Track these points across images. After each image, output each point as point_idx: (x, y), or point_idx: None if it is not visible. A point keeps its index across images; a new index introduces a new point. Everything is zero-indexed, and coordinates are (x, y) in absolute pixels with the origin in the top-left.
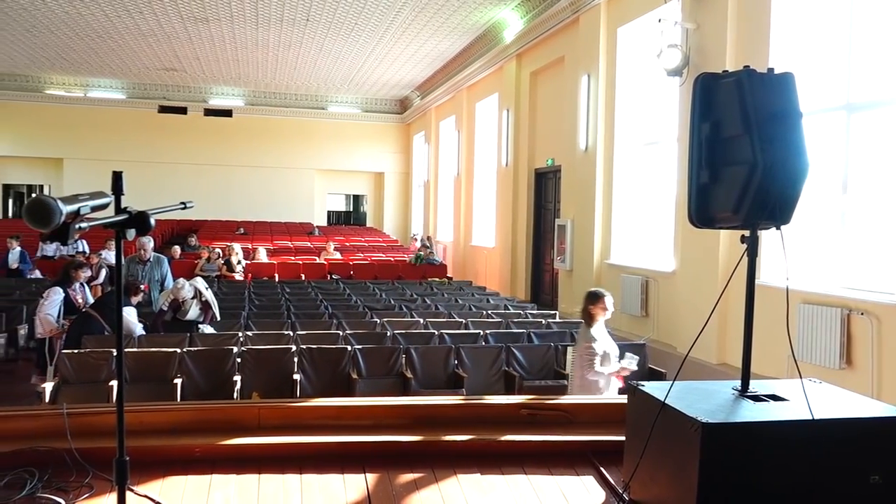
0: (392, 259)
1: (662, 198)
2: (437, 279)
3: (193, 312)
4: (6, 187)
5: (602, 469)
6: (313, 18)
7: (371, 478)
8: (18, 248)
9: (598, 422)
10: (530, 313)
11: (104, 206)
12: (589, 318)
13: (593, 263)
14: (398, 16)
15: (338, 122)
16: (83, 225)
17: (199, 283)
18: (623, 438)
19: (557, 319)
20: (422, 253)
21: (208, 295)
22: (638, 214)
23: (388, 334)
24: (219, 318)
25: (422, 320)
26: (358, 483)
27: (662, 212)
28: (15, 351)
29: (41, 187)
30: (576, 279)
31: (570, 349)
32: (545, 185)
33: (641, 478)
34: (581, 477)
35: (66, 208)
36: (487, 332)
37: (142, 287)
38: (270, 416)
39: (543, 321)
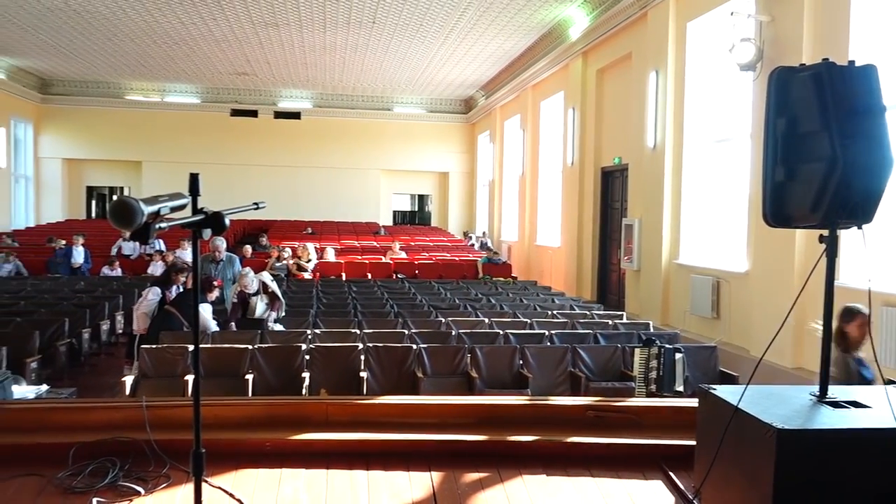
0: (457, 258)
1: (735, 196)
2: (501, 279)
3: (260, 308)
4: (89, 189)
5: (671, 474)
6: (379, 21)
7: (437, 476)
8: (82, 248)
9: (667, 425)
10: (596, 314)
11: (182, 207)
12: (844, 342)
13: (662, 263)
14: (463, 16)
15: (403, 123)
16: (163, 225)
17: (266, 276)
18: (693, 443)
19: (625, 320)
20: (488, 255)
21: (274, 287)
22: (708, 213)
23: (453, 333)
24: (283, 313)
25: (487, 320)
26: (423, 481)
27: (735, 210)
28: (98, 346)
29: (121, 189)
30: (644, 279)
31: None
32: (612, 183)
33: (713, 484)
34: (649, 481)
35: (148, 209)
36: (553, 332)
37: (215, 283)
38: (338, 412)
39: (610, 322)
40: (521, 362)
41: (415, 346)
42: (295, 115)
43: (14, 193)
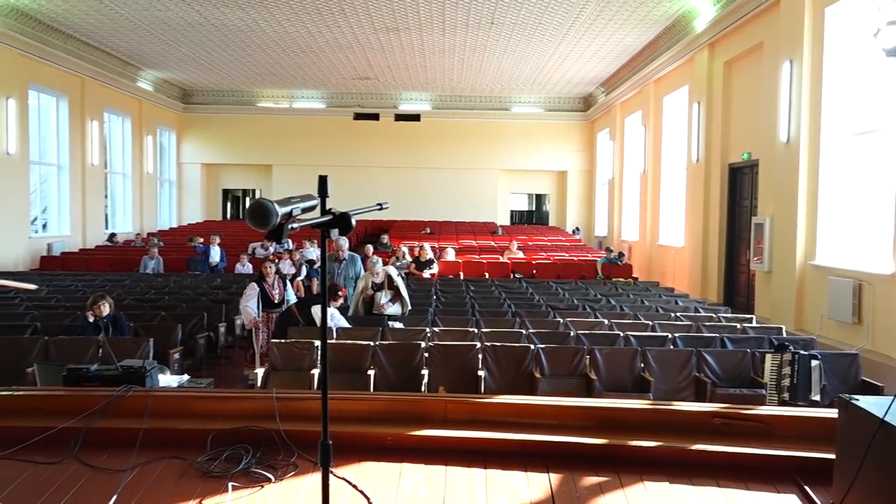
0: (575, 258)
1: (880, 191)
2: (621, 279)
3: (384, 301)
4: (225, 192)
5: (807, 488)
6: (498, 21)
7: (555, 478)
8: (218, 247)
9: (801, 436)
10: (723, 317)
11: (312, 208)
12: None
13: (795, 264)
14: (582, 12)
15: (521, 122)
16: (295, 225)
17: (392, 270)
18: (831, 456)
19: (754, 324)
20: (609, 256)
21: (399, 282)
22: (848, 210)
23: (572, 334)
24: (409, 307)
25: (606, 321)
26: (541, 482)
27: (879, 207)
28: (232, 338)
29: (253, 191)
30: (775, 281)
31: None
32: (740, 180)
33: (855, 501)
34: (782, 495)
35: (281, 210)
36: (676, 335)
37: (340, 293)
38: (457, 410)
39: (738, 325)
40: (642, 365)
41: (532, 347)
42: (415, 118)
43: (159, 196)
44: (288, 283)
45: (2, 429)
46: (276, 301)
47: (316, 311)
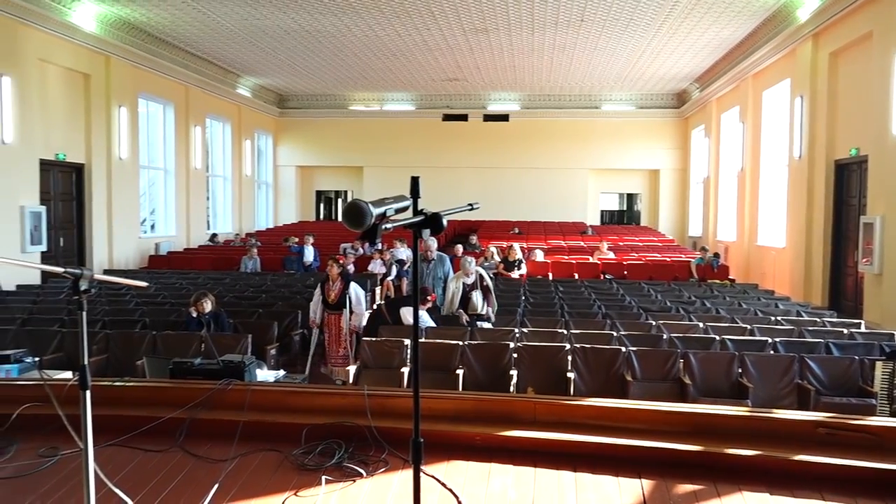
0: (668, 259)
1: None
2: (717, 281)
3: (479, 302)
4: (318, 193)
5: None
6: (588, 18)
7: (647, 484)
8: (312, 247)
9: None
10: (828, 321)
11: (405, 209)
12: None
13: None
14: (676, 6)
15: (611, 121)
16: (388, 226)
17: (482, 270)
18: None
19: (863, 329)
20: (704, 257)
21: (489, 282)
22: None
23: (665, 337)
24: (496, 307)
25: (701, 324)
26: (633, 487)
27: None
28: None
29: (345, 193)
30: (887, 284)
31: None
32: (847, 177)
33: None
34: None
35: (375, 210)
36: (777, 339)
37: (429, 297)
38: (545, 411)
39: (845, 331)
40: (739, 371)
41: (623, 349)
42: (503, 118)
43: (257, 198)
44: (352, 284)
45: (115, 417)
46: (330, 301)
47: (404, 312)
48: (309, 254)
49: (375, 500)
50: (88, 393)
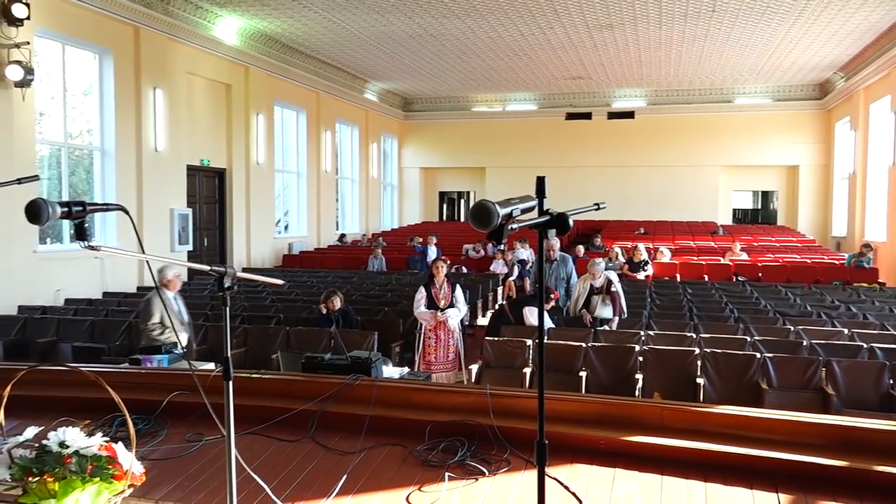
0: (808, 261)
1: None
2: (864, 284)
3: (600, 307)
4: (441, 194)
5: None
6: (720, 8)
7: (785, 499)
8: (435, 247)
9: None
10: None
11: (531, 209)
12: None
13: None
14: None
15: (745, 115)
16: (514, 226)
17: (613, 275)
18: None
19: None
20: (861, 258)
21: (618, 287)
22: None
23: (804, 344)
24: (626, 313)
25: (846, 331)
26: (769, 502)
27: None
28: None
29: (468, 193)
30: None
31: None
32: None
33: None
34: None
35: (502, 211)
36: None
37: (552, 296)
38: (673, 417)
39: None
40: (891, 382)
41: (758, 355)
42: (628, 115)
43: (382, 199)
44: (458, 287)
45: (253, 408)
46: (441, 306)
47: (527, 311)
48: (432, 253)
49: (497, 500)
50: (231, 384)
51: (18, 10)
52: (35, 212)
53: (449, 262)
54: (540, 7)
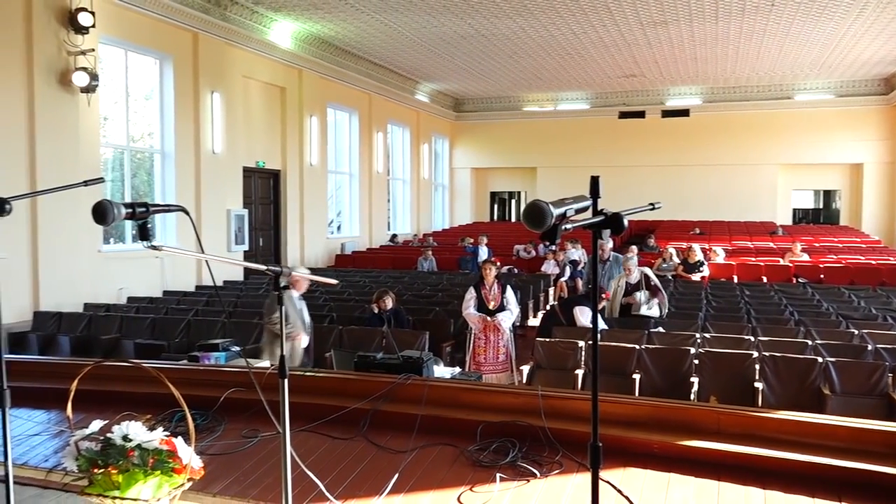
0: (873, 262)
1: None
2: None
3: (642, 302)
4: (492, 194)
5: None
6: (779, 3)
7: None
8: (486, 247)
9: None
10: None
11: (585, 209)
12: None
13: None
14: None
15: (805, 111)
16: (568, 226)
17: (649, 270)
18: None
19: None
20: None
21: (656, 281)
22: None
23: (870, 348)
24: (667, 309)
25: None
26: None
27: None
28: None
29: (519, 193)
30: None
31: None
32: None
33: None
34: None
35: (556, 211)
36: None
37: (603, 295)
38: (730, 422)
39: None
40: None
41: (820, 360)
42: (683, 113)
43: (433, 200)
44: (509, 288)
45: (306, 405)
46: (492, 307)
47: (577, 311)
48: (483, 254)
49: (549, 502)
50: (286, 381)
51: (84, 19)
52: (102, 212)
53: (498, 263)
54: (593, 5)
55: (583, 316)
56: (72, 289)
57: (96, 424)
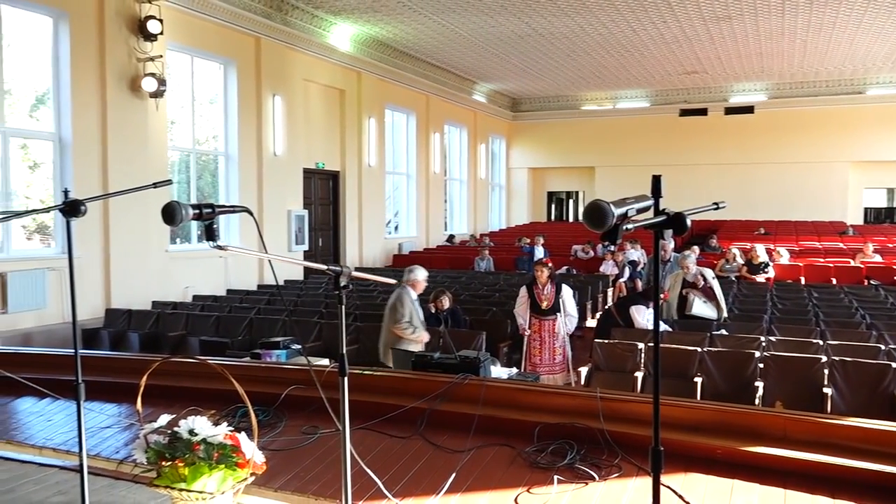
0: None
1: None
2: None
3: (697, 304)
4: (549, 194)
5: None
6: None
7: None
8: (542, 248)
9: None
10: None
11: (647, 209)
12: None
13: None
14: None
15: (878, 106)
16: (629, 226)
17: (707, 271)
18: None
19: None
20: None
21: (713, 283)
22: None
23: None
24: (725, 312)
25: None
26: None
27: None
28: None
29: (577, 193)
30: None
31: None
32: None
33: None
34: None
35: (617, 211)
36: None
37: (662, 295)
38: (797, 429)
39: None
40: None
41: (894, 365)
42: (747, 110)
43: (490, 200)
44: (564, 286)
45: (365, 403)
46: (544, 307)
47: (633, 311)
48: (539, 254)
49: None
50: (346, 379)
51: (153, 27)
52: (171, 213)
53: (550, 264)
54: (653, 1)
55: (639, 315)
56: (141, 287)
57: (164, 418)
